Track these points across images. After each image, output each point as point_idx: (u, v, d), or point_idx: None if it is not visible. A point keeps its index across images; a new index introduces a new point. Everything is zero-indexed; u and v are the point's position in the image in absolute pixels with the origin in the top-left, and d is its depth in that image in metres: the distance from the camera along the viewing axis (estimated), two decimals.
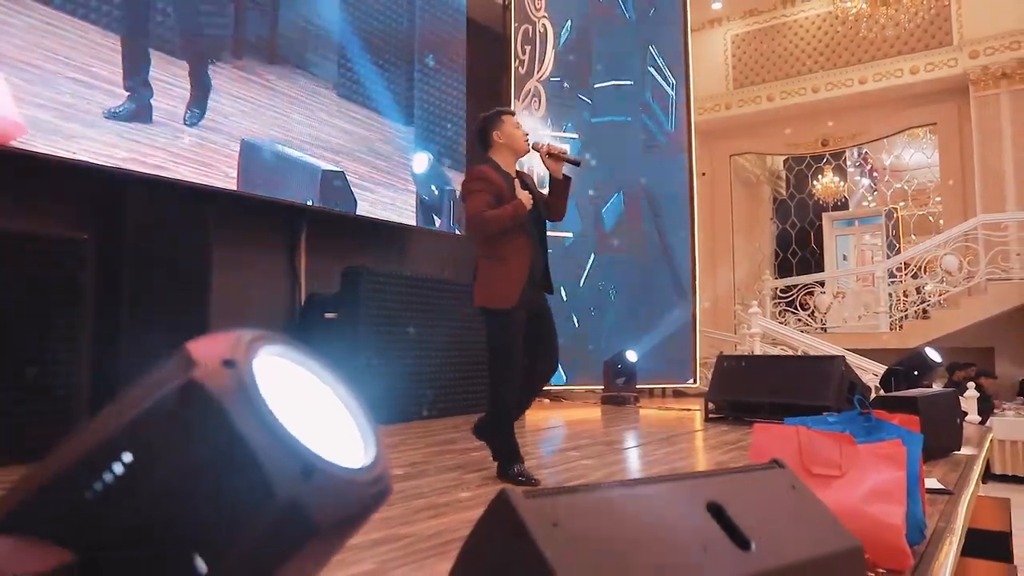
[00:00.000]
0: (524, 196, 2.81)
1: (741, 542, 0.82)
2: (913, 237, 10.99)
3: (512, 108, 3.15)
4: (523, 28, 6.41)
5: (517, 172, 3.04)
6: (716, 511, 0.85)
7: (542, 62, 6.43)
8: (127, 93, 3.88)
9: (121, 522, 0.40)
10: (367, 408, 0.54)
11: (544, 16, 6.47)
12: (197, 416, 0.41)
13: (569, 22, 6.62)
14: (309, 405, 0.47)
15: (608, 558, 0.71)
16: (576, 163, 3.04)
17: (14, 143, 3.45)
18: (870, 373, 6.29)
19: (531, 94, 6.37)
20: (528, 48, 6.41)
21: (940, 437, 3.02)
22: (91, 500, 0.41)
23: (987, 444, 3.76)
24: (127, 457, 0.41)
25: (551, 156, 2.97)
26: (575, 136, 6.41)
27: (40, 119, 3.56)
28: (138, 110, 3.94)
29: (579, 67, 6.64)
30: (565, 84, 6.48)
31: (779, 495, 0.96)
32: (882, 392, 3.93)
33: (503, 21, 6.49)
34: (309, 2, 4.96)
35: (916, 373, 3.86)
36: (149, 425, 0.41)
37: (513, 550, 0.70)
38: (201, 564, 0.39)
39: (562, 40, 6.57)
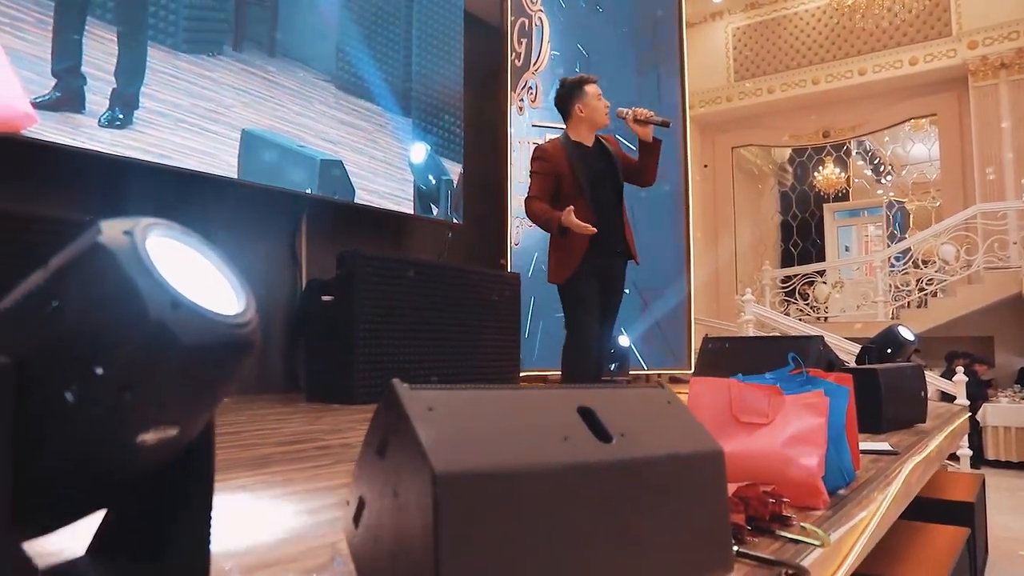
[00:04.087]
0: (572, 223, 2.77)
1: (603, 436, 0.97)
2: (917, 230, 11.06)
3: (593, 77, 3.10)
4: (519, 21, 6.56)
5: (598, 139, 3.03)
6: (585, 413, 0.99)
7: (538, 55, 6.58)
8: (114, 83, 4.05)
9: (46, 339, 0.57)
10: (247, 283, 0.69)
11: (540, 10, 6.62)
12: (100, 266, 0.57)
13: (546, 18, 6.74)
14: (190, 269, 0.63)
15: (471, 436, 0.86)
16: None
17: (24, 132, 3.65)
18: None
19: (527, 86, 6.53)
20: (524, 41, 6.56)
21: (902, 408, 3.13)
22: (26, 323, 0.58)
23: (957, 421, 3.87)
24: (51, 296, 0.58)
25: (638, 121, 2.94)
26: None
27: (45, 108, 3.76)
28: (124, 101, 4.13)
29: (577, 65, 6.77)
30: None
31: (653, 407, 1.10)
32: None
33: (500, 14, 6.65)
34: None
35: (889, 351, 3.97)
36: (69, 272, 0.58)
37: (396, 429, 0.86)
38: (99, 368, 0.55)
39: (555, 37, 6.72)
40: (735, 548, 1.31)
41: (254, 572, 1.06)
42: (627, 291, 6.50)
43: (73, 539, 0.75)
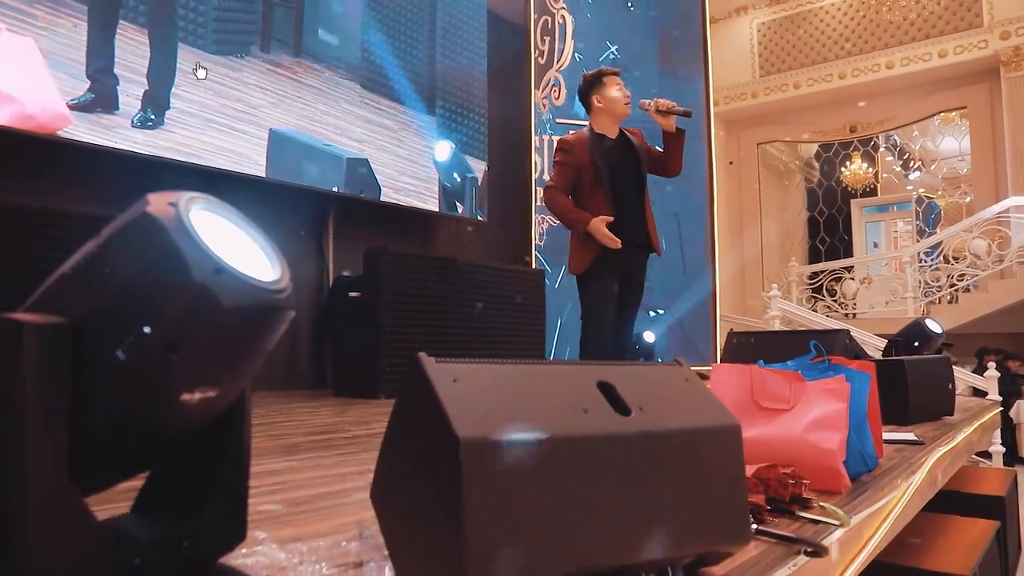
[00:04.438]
0: (599, 231, 2.84)
1: (622, 410, 1.00)
2: (947, 225, 10.90)
3: (613, 69, 3.17)
4: (542, 19, 6.60)
5: (622, 131, 3.07)
6: (605, 387, 1.02)
7: (561, 53, 6.62)
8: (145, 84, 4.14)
9: (99, 301, 0.61)
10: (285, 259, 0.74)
11: (562, 7, 6.65)
12: (148, 234, 0.61)
13: (571, 16, 6.75)
14: (231, 241, 0.67)
15: (494, 406, 0.90)
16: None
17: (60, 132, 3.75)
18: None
19: (550, 84, 6.56)
20: (547, 39, 6.60)
21: (929, 400, 3.12)
22: (80, 288, 0.62)
23: (988, 415, 3.84)
24: (103, 262, 0.63)
25: (660, 112, 2.98)
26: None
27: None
28: (154, 101, 4.22)
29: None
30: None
31: (671, 383, 1.13)
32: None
33: (523, 13, 6.69)
34: None
35: (916, 344, 3.94)
36: (119, 240, 0.63)
37: (421, 400, 0.90)
38: (147, 328, 0.60)
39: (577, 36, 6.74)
40: (754, 527, 1.34)
41: (287, 543, 1.10)
42: (657, 299, 6.56)
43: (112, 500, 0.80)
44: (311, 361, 5.24)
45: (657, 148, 3.13)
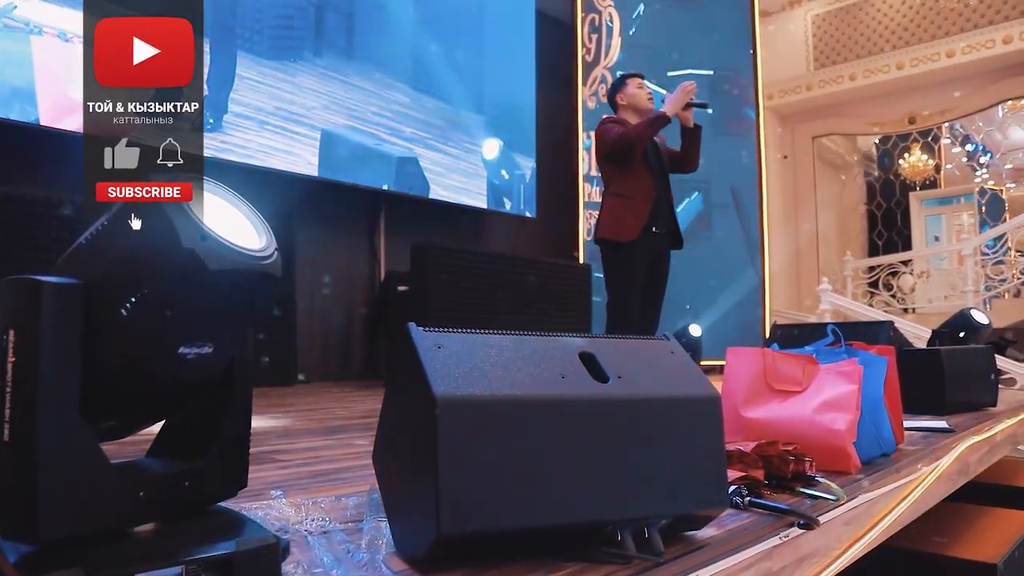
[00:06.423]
0: (674, 96, 2.92)
1: (600, 377, 1.07)
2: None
3: (635, 71, 3.37)
4: (589, 17, 6.65)
5: None
6: (586, 357, 1.10)
7: (608, 50, 6.65)
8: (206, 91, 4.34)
9: (107, 266, 0.72)
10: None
11: (610, 5, 6.69)
12: (147, 208, 0.72)
13: (642, 5, 6.76)
14: (222, 215, 0.77)
15: (473, 370, 0.98)
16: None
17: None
18: None
19: (598, 81, 6.61)
20: (595, 37, 6.64)
21: (968, 391, 3.07)
22: (92, 255, 0.73)
23: None
24: (111, 233, 0.73)
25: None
26: None
27: None
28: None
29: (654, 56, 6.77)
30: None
31: (655, 355, 1.19)
32: None
33: (571, 12, 6.75)
34: (383, 2, 5.36)
35: (962, 335, 3.85)
36: (122, 213, 0.73)
37: (409, 365, 0.99)
38: (146, 288, 0.70)
39: (633, 28, 6.75)
40: (748, 499, 1.39)
41: (297, 498, 1.21)
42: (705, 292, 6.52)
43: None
44: (364, 353, 5.41)
45: (674, 148, 3.22)
